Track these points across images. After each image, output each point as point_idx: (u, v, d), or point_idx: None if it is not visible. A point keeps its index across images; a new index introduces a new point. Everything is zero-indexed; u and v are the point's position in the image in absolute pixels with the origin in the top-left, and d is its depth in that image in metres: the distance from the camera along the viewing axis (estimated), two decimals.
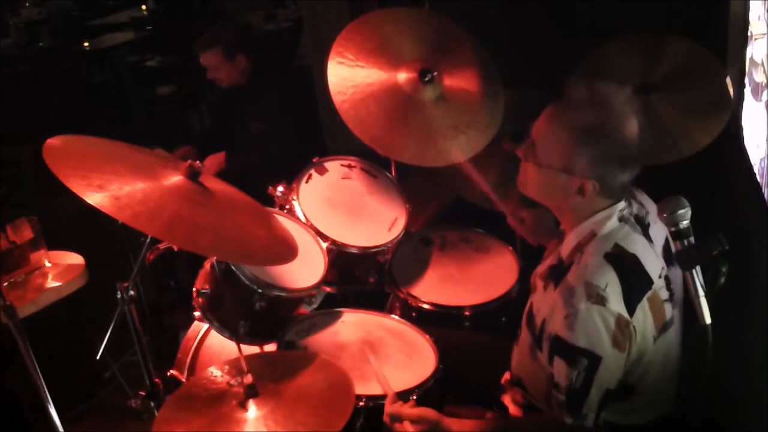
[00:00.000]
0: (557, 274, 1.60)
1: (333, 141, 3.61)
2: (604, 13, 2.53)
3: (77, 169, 1.49)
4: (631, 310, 1.48)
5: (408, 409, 1.64)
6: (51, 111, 5.16)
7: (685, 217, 1.38)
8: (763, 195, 2.19)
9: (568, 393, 1.51)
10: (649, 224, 1.62)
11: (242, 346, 1.81)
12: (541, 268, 1.72)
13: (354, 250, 2.25)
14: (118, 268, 2.14)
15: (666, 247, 1.63)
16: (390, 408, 1.66)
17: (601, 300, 1.45)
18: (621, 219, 1.56)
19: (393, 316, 2.16)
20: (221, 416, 1.53)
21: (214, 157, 3.14)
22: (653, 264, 1.55)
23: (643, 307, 1.51)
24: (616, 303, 1.46)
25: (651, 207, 1.66)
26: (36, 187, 4.57)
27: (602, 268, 1.49)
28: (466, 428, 1.64)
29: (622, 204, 1.57)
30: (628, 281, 1.49)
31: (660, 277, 1.56)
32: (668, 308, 1.58)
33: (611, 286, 1.47)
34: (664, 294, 1.57)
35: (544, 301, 1.62)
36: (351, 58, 2.17)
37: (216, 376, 1.67)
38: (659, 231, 1.62)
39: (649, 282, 1.53)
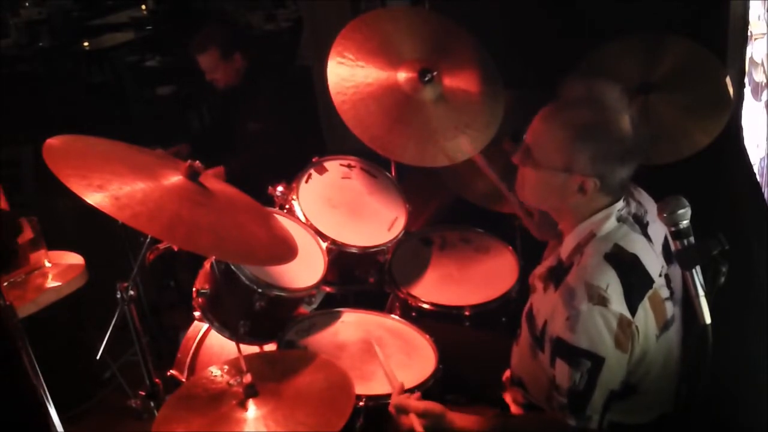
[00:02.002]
0: (557, 275, 1.60)
1: (333, 141, 3.61)
2: (604, 13, 2.53)
3: (77, 169, 1.49)
4: (633, 309, 1.48)
5: (414, 402, 1.63)
6: (51, 111, 5.16)
7: (685, 216, 1.38)
8: (763, 195, 2.19)
9: (570, 395, 1.50)
10: (647, 223, 1.62)
11: (242, 346, 1.81)
12: (540, 269, 1.72)
13: (354, 250, 2.25)
14: (118, 268, 2.14)
15: (665, 246, 1.63)
16: (397, 399, 1.65)
17: (602, 301, 1.45)
18: (619, 219, 1.56)
19: (393, 316, 2.16)
20: (221, 416, 1.53)
21: (213, 171, 3.12)
22: (653, 263, 1.55)
23: (645, 306, 1.50)
24: (617, 303, 1.46)
25: (650, 206, 1.65)
26: (36, 187, 4.57)
27: (602, 268, 1.49)
28: (469, 423, 1.63)
29: (620, 204, 1.57)
30: (629, 281, 1.48)
31: (660, 275, 1.56)
32: (669, 306, 1.58)
33: (612, 287, 1.47)
34: (665, 292, 1.57)
35: (544, 303, 1.62)
36: (351, 57, 2.17)
37: (216, 376, 1.67)
38: (658, 229, 1.62)
39: (649, 281, 1.53)
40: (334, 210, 2.35)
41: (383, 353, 1.91)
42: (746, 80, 2.33)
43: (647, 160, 1.56)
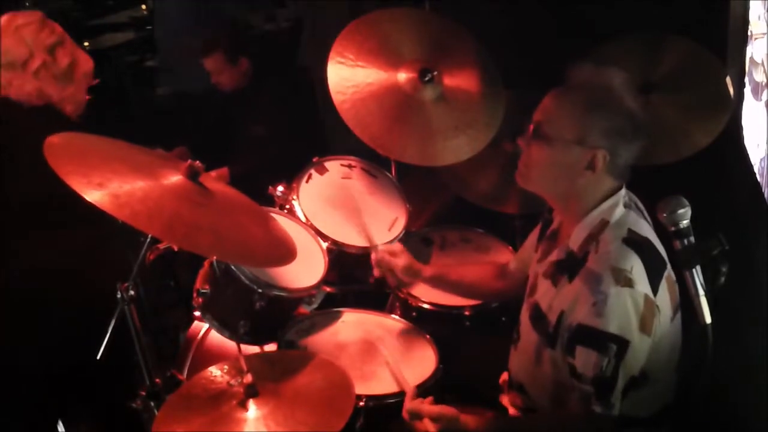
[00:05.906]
0: (570, 267, 1.60)
1: (333, 140, 3.60)
2: (604, 13, 2.53)
3: (78, 166, 1.49)
4: (655, 289, 1.51)
5: (428, 407, 1.62)
6: None
7: (685, 216, 1.39)
8: (763, 195, 2.19)
9: (597, 382, 1.49)
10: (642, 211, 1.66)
11: (242, 346, 1.81)
12: (542, 267, 1.71)
13: (354, 250, 2.24)
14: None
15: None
16: (410, 405, 1.64)
17: (629, 282, 1.47)
18: (626, 205, 1.60)
19: (393, 316, 2.16)
20: (221, 416, 1.53)
21: (216, 172, 3.11)
22: (661, 246, 1.58)
23: (663, 287, 1.54)
24: (642, 284, 1.49)
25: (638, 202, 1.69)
26: None
27: (624, 252, 1.52)
28: (483, 426, 1.62)
29: (623, 191, 1.60)
30: (649, 262, 1.52)
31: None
32: (677, 290, 1.60)
33: (636, 269, 1.50)
34: (674, 275, 1.59)
35: (558, 297, 1.61)
36: (351, 57, 2.17)
37: (216, 376, 1.67)
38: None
39: (663, 262, 1.56)
40: (334, 210, 2.35)
41: (381, 355, 1.91)
42: (746, 80, 2.32)
43: (647, 160, 1.57)
